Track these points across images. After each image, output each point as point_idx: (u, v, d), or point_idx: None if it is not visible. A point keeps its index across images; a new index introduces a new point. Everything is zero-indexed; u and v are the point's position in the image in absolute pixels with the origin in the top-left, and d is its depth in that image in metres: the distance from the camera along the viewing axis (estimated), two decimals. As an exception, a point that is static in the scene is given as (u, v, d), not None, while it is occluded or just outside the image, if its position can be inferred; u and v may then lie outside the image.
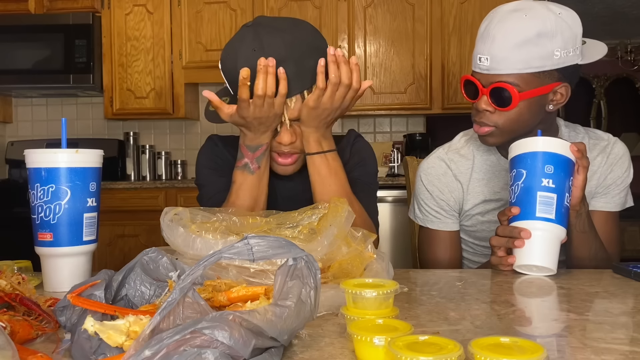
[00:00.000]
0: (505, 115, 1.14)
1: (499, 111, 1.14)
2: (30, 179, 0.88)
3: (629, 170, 1.26)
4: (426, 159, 1.37)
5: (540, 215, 0.99)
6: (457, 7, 3.42)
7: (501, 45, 1.10)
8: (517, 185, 1.02)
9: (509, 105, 1.12)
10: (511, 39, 1.09)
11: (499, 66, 1.11)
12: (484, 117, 1.16)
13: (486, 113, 1.15)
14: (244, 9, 3.49)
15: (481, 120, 1.16)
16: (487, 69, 1.12)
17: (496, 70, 1.11)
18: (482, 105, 1.15)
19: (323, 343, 0.62)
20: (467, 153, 1.32)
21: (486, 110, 1.15)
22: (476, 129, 1.19)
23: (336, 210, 0.83)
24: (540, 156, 1.00)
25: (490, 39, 1.11)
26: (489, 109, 1.14)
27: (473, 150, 1.31)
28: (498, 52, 1.10)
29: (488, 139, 1.18)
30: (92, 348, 0.53)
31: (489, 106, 1.14)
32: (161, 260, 0.68)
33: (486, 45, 1.12)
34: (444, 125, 3.61)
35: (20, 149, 2.98)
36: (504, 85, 1.11)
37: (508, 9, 1.13)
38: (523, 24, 1.09)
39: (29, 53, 3.45)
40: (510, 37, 1.09)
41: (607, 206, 1.25)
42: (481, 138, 1.20)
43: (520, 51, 1.09)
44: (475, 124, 1.19)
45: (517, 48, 1.09)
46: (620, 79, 5.92)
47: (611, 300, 0.83)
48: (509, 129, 1.15)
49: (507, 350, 0.47)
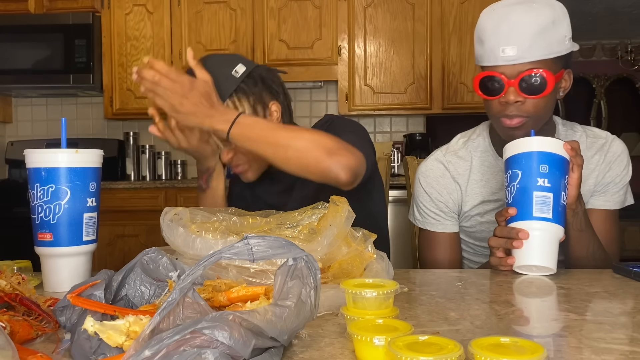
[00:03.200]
0: (536, 102, 1.13)
1: (529, 100, 1.12)
2: (30, 179, 0.88)
3: (627, 168, 1.25)
4: (424, 161, 1.37)
5: (537, 215, 0.99)
6: (457, 7, 3.42)
7: (524, 33, 1.09)
8: (512, 186, 1.02)
9: (543, 91, 1.11)
10: (532, 26, 1.09)
11: (526, 54, 1.10)
12: (514, 109, 1.13)
13: (516, 104, 1.12)
14: (244, 8, 3.49)
15: (512, 112, 1.13)
16: (514, 58, 1.10)
17: (524, 58, 1.10)
18: (511, 97, 1.11)
19: (323, 343, 0.62)
20: (464, 155, 1.32)
21: (517, 102, 1.12)
22: (506, 122, 1.15)
23: (336, 210, 0.83)
24: (534, 156, 1.00)
25: (508, 30, 1.10)
26: (520, 99, 1.12)
27: (471, 151, 1.32)
28: (523, 40, 1.09)
29: (518, 132, 1.14)
30: (92, 348, 0.53)
31: (519, 96, 1.11)
32: (161, 260, 0.68)
33: (507, 37, 1.11)
34: (444, 125, 3.61)
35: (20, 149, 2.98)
36: (537, 72, 1.10)
37: (510, 2, 1.14)
38: (538, 12, 1.10)
39: (29, 53, 3.45)
40: (530, 25, 1.09)
41: (606, 204, 1.24)
42: (510, 132, 1.15)
43: (542, 38, 1.10)
44: (504, 118, 1.15)
45: (539, 35, 1.10)
46: (620, 79, 5.91)
47: (611, 300, 0.83)
48: (540, 116, 1.15)
49: (507, 350, 0.47)
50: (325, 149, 1.03)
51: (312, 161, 1.03)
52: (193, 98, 1.03)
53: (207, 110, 1.04)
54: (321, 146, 1.03)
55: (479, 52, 1.17)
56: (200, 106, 1.03)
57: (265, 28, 3.47)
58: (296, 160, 1.03)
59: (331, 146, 1.04)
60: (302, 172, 1.05)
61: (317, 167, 1.03)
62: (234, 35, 3.49)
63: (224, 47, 3.48)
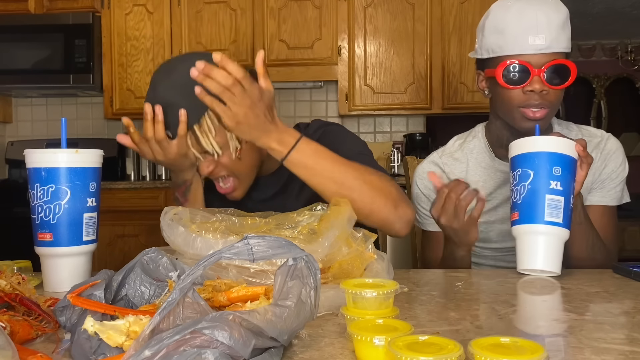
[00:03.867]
0: (558, 93, 1.14)
1: (552, 90, 1.13)
2: (30, 179, 0.88)
3: (623, 164, 1.25)
4: (421, 163, 1.37)
5: (548, 220, 0.97)
6: (457, 7, 3.42)
7: (551, 23, 1.11)
8: (523, 185, 0.99)
9: (566, 82, 1.12)
10: (558, 18, 1.12)
11: (554, 44, 1.11)
12: (539, 98, 1.12)
13: (541, 94, 1.12)
14: (244, 9, 3.49)
15: (537, 102, 1.12)
16: (545, 47, 1.11)
17: (552, 48, 1.11)
18: (537, 86, 1.11)
19: (323, 343, 0.62)
20: (460, 157, 1.32)
21: (542, 91, 1.12)
22: (530, 114, 1.13)
23: (338, 211, 0.83)
24: (548, 157, 0.98)
25: (535, 19, 1.11)
26: (545, 88, 1.12)
27: (467, 153, 1.32)
28: (550, 30, 1.11)
29: (542, 122, 1.14)
30: (92, 348, 0.53)
31: (545, 86, 1.12)
32: (161, 260, 0.68)
33: (535, 26, 1.11)
34: (444, 125, 3.61)
35: (20, 148, 2.98)
36: (564, 62, 1.12)
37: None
38: (557, 7, 1.13)
39: (29, 53, 3.45)
40: (556, 17, 1.11)
41: (603, 200, 1.25)
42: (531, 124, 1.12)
43: (564, 31, 1.13)
44: (527, 108, 1.13)
45: (562, 28, 1.12)
46: (620, 79, 5.91)
47: (611, 300, 0.83)
48: (556, 107, 1.16)
49: (507, 350, 0.47)
50: (391, 200, 1.00)
51: (376, 210, 1.00)
52: (258, 110, 0.93)
53: (267, 126, 0.96)
54: (387, 196, 1.01)
55: (498, 41, 1.15)
56: (263, 120, 0.95)
57: (265, 28, 3.47)
58: (360, 205, 0.97)
59: (395, 196, 1.01)
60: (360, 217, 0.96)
61: (380, 218, 1.01)
62: (234, 35, 3.49)
63: (224, 47, 3.48)
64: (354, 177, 0.99)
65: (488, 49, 1.18)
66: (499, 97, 1.18)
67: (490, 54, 1.17)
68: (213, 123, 1.05)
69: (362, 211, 0.98)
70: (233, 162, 1.09)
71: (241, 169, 1.11)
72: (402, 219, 1.02)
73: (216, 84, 0.90)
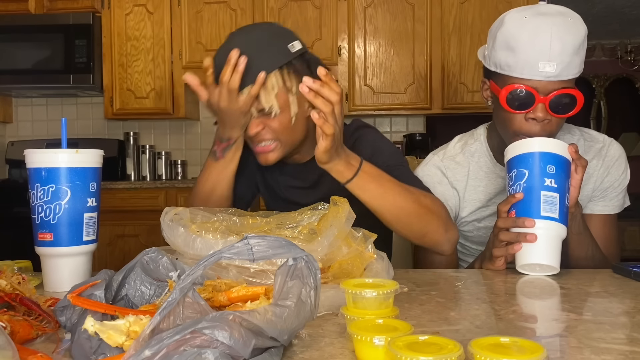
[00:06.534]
0: (558, 122, 1.09)
1: (555, 118, 1.08)
2: (30, 179, 0.88)
3: (625, 172, 1.24)
4: (421, 165, 1.34)
5: (544, 215, 0.98)
6: (457, 7, 3.42)
7: (565, 51, 1.05)
8: (518, 184, 1.01)
9: (571, 111, 1.08)
10: (573, 44, 1.05)
11: (564, 72, 1.06)
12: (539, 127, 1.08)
13: (543, 122, 1.08)
14: (244, 9, 3.49)
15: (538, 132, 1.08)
16: (555, 75, 1.05)
17: (563, 76, 1.06)
18: (540, 114, 1.07)
19: (323, 343, 0.62)
20: (462, 160, 1.30)
21: (545, 119, 1.08)
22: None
23: (337, 210, 0.83)
24: (542, 156, 1.00)
25: (549, 45, 1.04)
26: (548, 117, 1.08)
27: (468, 157, 1.30)
28: (563, 58, 1.05)
29: None
30: (92, 348, 0.53)
31: (548, 114, 1.07)
32: (161, 260, 0.68)
33: (547, 53, 1.05)
34: (444, 125, 3.62)
35: (20, 149, 2.99)
36: (571, 91, 1.06)
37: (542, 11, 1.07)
38: (576, 29, 1.06)
39: (29, 53, 3.45)
40: (571, 43, 1.05)
41: (605, 209, 1.24)
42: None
43: (578, 55, 1.07)
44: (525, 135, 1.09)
45: (576, 53, 1.06)
46: (620, 79, 5.92)
47: (611, 300, 0.83)
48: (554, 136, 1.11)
49: (507, 350, 0.47)
50: (443, 223, 1.06)
51: (430, 233, 1.06)
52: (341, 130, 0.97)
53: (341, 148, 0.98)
54: (439, 218, 1.06)
55: (508, 60, 1.09)
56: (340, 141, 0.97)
57: (265, 28, 3.47)
58: (417, 228, 1.05)
59: (445, 219, 1.07)
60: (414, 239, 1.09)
61: (432, 239, 1.07)
62: (234, 36, 3.49)
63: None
64: (412, 200, 1.03)
65: (497, 64, 1.12)
66: (500, 115, 1.15)
67: (498, 70, 1.12)
68: (278, 83, 1.08)
69: (417, 233, 1.06)
70: (282, 128, 1.11)
71: (286, 137, 1.13)
72: (450, 241, 1.08)
73: (323, 100, 0.93)
